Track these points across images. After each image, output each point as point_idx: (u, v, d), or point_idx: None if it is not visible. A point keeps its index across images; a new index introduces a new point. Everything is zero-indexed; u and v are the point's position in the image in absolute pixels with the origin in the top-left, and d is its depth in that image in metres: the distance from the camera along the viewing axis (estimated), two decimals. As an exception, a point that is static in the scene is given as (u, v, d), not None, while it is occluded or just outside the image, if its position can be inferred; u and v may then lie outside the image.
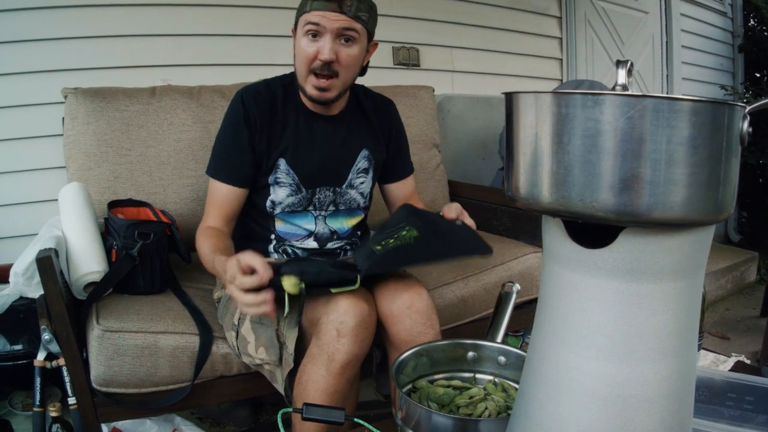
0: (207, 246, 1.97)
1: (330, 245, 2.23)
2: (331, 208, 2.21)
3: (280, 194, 2.14)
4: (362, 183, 2.25)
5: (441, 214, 2.09)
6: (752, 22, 7.32)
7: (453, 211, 2.07)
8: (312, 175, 2.15)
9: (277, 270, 1.72)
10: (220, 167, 2.12)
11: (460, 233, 2.01)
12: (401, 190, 2.43)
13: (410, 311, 1.91)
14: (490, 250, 1.98)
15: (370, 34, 2.09)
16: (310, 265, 1.82)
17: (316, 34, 1.97)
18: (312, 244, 2.20)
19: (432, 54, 4.33)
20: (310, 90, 2.05)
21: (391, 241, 1.93)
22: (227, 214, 2.12)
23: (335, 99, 2.10)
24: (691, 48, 6.42)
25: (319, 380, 1.75)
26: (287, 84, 2.18)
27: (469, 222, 2.07)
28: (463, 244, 2.00)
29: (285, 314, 1.75)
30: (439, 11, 4.34)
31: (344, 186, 2.21)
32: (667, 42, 6.14)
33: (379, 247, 1.90)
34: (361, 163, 2.24)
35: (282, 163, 2.12)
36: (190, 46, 3.35)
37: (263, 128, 2.10)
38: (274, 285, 1.69)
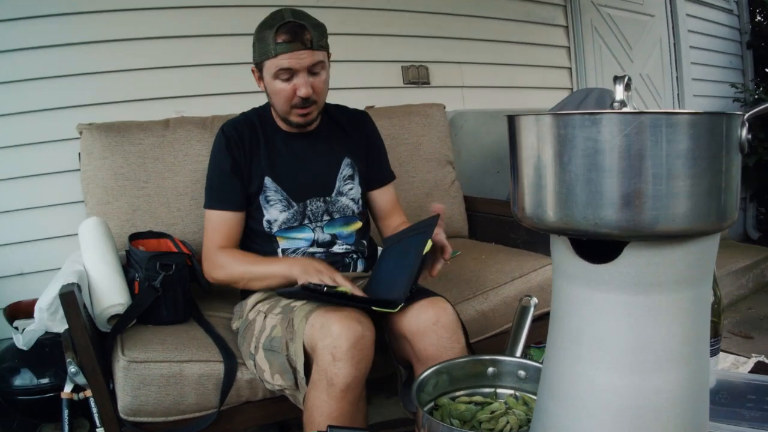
0: (246, 259, 2.21)
1: (336, 249, 2.29)
2: (326, 217, 2.28)
3: (273, 212, 2.23)
4: (351, 189, 2.33)
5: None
6: (759, 18, 7.30)
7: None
8: (298, 188, 2.25)
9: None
10: (214, 197, 2.24)
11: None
12: (383, 198, 2.49)
13: (436, 327, 1.92)
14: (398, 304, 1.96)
15: (329, 52, 2.19)
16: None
17: (288, 74, 2.08)
18: (316, 249, 2.26)
19: (441, 71, 4.35)
20: (296, 120, 2.19)
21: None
22: (231, 238, 2.24)
23: (316, 119, 2.24)
24: (700, 48, 6.40)
25: (321, 406, 1.77)
26: (261, 112, 2.31)
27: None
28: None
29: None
30: (447, 28, 4.36)
31: (334, 194, 2.29)
32: (674, 44, 6.13)
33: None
34: (346, 170, 2.33)
35: (268, 181, 2.21)
36: (202, 76, 3.39)
37: (245, 151, 2.22)
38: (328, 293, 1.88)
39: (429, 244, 1.96)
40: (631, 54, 5.69)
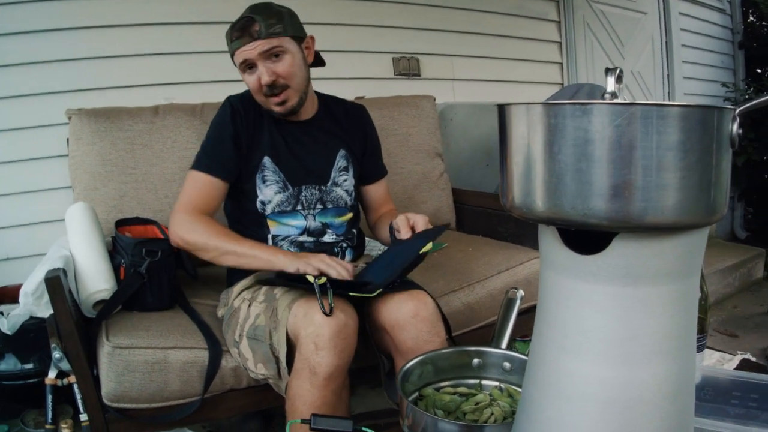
0: (227, 233, 2.15)
1: (326, 238, 2.29)
2: (319, 206, 2.28)
3: (267, 193, 2.23)
4: (345, 180, 2.35)
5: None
6: (751, 18, 7.32)
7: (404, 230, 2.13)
8: (296, 172, 2.25)
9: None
10: (205, 160, 2.19)
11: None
12: (376, 192, 2.52)
13: (415, 320, 1.92)
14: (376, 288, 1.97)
15: (297, 36, 2.18)
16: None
17: (249, 66, 2.14)
18: (306, 239, 2.26)
19: (432, 63, 4.35)
20: (275, 109, 2.20)
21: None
22: (209, 206, 2.19)
23: (298, 104, 2.23)
24: (691, 47, 6.41)
25: (304, 394, 1.76)
26: None
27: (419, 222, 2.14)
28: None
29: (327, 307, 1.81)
30: (439, 20, 4.35)
31: (329, 184, 2.30)
32: (666, 42, 6.14)
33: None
34: (341, 162, 2.34)
35: (268, 162, 2.22)
36: (192, 63, 3.37)
37: (248, 125, 2.23)
38: (302, 280, 1.89)
39: (429, 245, 1.96)
40: (622, 51, 5.69)
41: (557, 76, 5.19)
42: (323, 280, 1.86)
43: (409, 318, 1.92)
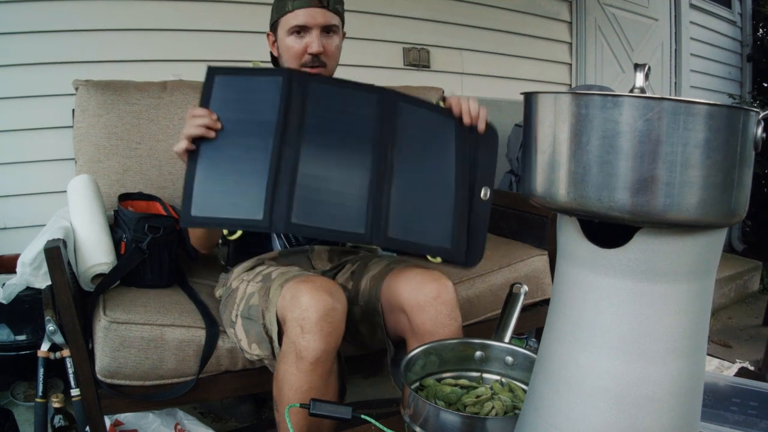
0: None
1: None
2: None
3: None
4: None
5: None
6: (761, 32, 7.31)
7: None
8: None
9: None
10: None
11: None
12: None
13: (436, 302, 1.90)
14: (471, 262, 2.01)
15: (343, 22, 2.21)
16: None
17: (301, 32, 2.07)
18: None
19: (442, 56, 4.34)
20: None
21: None
22: None
23: None
24: (700, 56, 6.41)
25: (291, 379, 1.74)
26: None
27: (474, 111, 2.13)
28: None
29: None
30: (450, 13, 4.34)
31: None
32: (676, 49, 6.13)
33: None
34: None
35: None
36: (202, 41, 3.36)
37: None
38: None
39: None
40: (632, 55, 5.68)
41: (566, 76, 5.18)
42: (237, 235, 1.93)
43: (431, 299, 1.90)
